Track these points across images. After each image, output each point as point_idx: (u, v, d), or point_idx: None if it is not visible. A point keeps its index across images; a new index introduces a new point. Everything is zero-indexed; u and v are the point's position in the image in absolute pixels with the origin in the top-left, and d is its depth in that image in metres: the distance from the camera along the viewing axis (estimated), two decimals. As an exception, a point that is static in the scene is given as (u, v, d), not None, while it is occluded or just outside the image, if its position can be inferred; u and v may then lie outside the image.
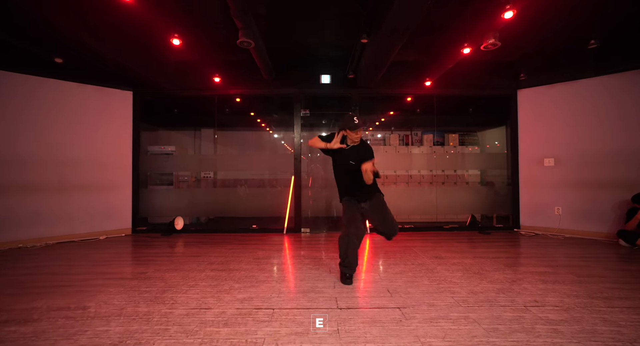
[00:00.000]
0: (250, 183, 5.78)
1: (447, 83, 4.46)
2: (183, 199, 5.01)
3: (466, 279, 2.40)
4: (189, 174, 5.74)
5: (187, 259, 3.04)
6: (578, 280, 2.34)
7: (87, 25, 2.95)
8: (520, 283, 2.29)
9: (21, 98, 3.65)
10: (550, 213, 4.22)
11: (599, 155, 3.91)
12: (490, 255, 3.11)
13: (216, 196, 5.21)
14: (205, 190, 5.61)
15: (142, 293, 2.12)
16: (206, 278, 2.44)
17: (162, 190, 5.18)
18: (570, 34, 3.32)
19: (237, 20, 2.81)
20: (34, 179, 3.71)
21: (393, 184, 5.72)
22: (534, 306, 1.88)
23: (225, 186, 6.08)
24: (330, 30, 3.56)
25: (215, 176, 6.00)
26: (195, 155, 6.22)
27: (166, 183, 5.56)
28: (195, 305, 1.93)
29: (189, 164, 5.64)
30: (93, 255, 3.17)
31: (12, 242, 3.50)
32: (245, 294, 2.11)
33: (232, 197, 5.21)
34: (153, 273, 2.57)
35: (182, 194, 5.12)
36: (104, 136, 4.21)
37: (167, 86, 4.48)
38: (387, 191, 5.31)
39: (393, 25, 2.59)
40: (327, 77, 4.43)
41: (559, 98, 4.21)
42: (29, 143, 3.69)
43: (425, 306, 1.91)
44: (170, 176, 5.54)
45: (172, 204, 4.87)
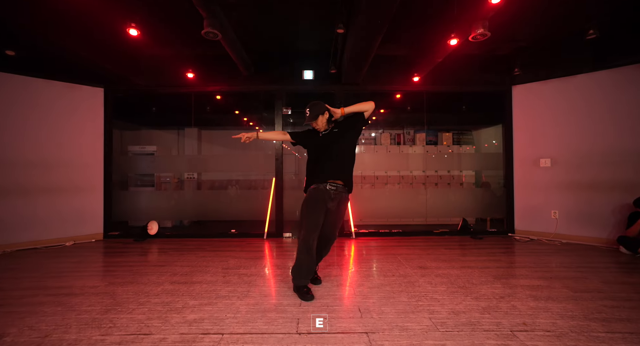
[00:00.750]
0: (235, 184, 5.55)
1: (438, 79, 4.21)
2: (165, 201, 4.77)
3: (449, 295, 2.15)
4: (171, 175, 5.51)
5: (149, 269, 2.79)
6: (574, 296, 2.09)
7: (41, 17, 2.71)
8: (509, 300, 2.04)
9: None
10: (547, 217, 3.98)
11: (599, 155, 3.66)
12: (480, 265, 2.87)
13: (198, 199, 4.97)
14: (187, 192, 5.36)
15: (81, 313, 1.88)
16: (161, 293, 2.20)
17: (143, 192, 4.93)
18: (566, 23, 3.08)
19: (200, 9, 2.57)
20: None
21: (384, 185, 5.48)
22: (522, 331, 1.64)
23: (209, 188, 5.84)
24: (308, 21, 3.32)
25: (199, 177, 5.76)
26: (176, 155, 5.97)
27: (148, 185, 5.33)
28: (135, 329, 1.69)
29: (170, 165, 5.39)
30: (49, 265, 2.93)
31: (-33, 250, 3.26)
32: (198, 314, 1.87)
33: (214, 199, 4.96)
34: (105, 287, 2.33)
35: (163, 197, 4.88)
36: (73, 135, 3.96)
37: (141, 83, 4.23)
38: (378, 193, 5.14)
39: (369, 14, 2.34)
40: (310, 73, 4.18)
41: (556, 95, 3.96)
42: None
43: (398, 330, 1.67)
44: (151, 178, 5.31)
45: (154, 207, 4.63)
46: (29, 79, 3.68)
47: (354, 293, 2.22)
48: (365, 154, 5.60)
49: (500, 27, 3.15)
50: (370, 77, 4.11)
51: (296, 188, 5.92)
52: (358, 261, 3.05)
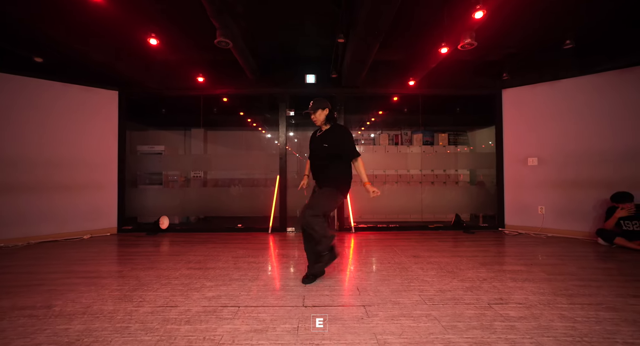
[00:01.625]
0: (239, 182, 5.80)
1: (432, 83, 4.47)
2: (172, 198, 5.03)
3: (438, 278, 2.41)
4: (178, 173, 5.76)
5: (165, 258, 3.05)
6: (548, 278, 2.35)
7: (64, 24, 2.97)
8: (490, 282, 2.30)
9: (5, 98, 3.66)
10: (534, 212, 4.24)
11: (581, 154, 3.93)
12: (468, 254, 3.13)
13: (205, 196, 5.23)
14: (194, 190, 5.62)
15: (113, 291, 2.14)
16: (180, 277, 2.46)
17: (152, 190, 5.19)
18: (548, 34, 3.34)
19: (214, 21, 2.83)
20: (19, 180, 3.72)
21: (382, 184, 5.73)
22: (498, 303, 1.90)
23: (214, 186, 6.10)
24: (311, 29, 3.58)
25: (205, 175, 6.02)
26: (184, 155, 6.23)
27: (156, 183, 5.57)
28: (162, 302, 1.94)
29: (178, 164, 5.67)
30: (73, 254, 3.18)
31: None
32: (215, 292, 2.13)
33: (220, 196, 5.22)
34: (128, 272, 2.59)
35: (171, 194, 5.14)
36: (90, 135, 4.22)
37: (153, 86, 4.49)
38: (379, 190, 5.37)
39: (367, 26, 2.60)
40: (312, 76, 4.45)
41: (542, 98, 4.23)
42: (13, 143, 3.70)
43: (391, 304, 1.92)
44: (159, 176, 5.55)
45: (162, 204, 4.88)
46: (50, 83, 3.94)
47: (353, 276, 2.48)
48: (365, 154, 5.86)
49: (488, 35, 3.41)
50: (369, 80, 4.38)
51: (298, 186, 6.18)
52: (357, 251, 3.31)
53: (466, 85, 4.59)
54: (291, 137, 6.29)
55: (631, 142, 3.63)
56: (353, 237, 4.08)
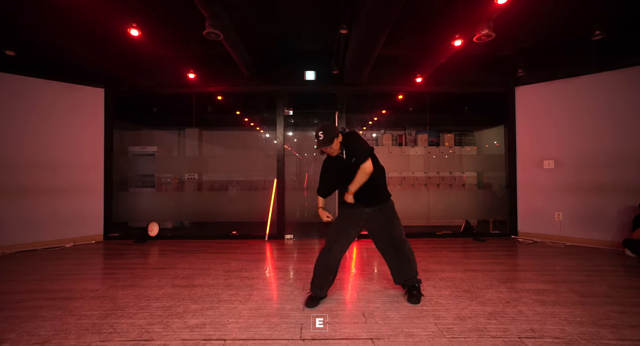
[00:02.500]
0: (236, 185, 5.51)
1: (440, 80, 4.18)
2: (165, 202, 4.76)
3: (454, 299, 2.12)
4: (171, 176, 5.48)
5: (150, 272, 2.77)
6: (581, 301, 2.06)
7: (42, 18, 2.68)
8: (515, 305, 2.01)
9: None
10: (550, 219, 3.95)
11: (603, 157, 3.63)
12: (484, 268, 2.84)
13: (199, 200, 4.95)
14: (188, 193, 5.33)
15: (81, 318, 1.85)
16: (162, 297, 2.17)
17: (144, 193, 4.90)
18: (571, 23, 3.04)
19: (202, 9, 2.54)
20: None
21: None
22: (530, 337, 1.61)
23: (210, 189, 5.81)
24: (311, 21, 3.28)
25: (200, 178, 5.73)
26: (177, 156, 5.94)
27: (148, 185, 5.29)
28: (136, 334, 1.66)
29: (171, 166, 5.37)
30: (48, 268, 2.90)
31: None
32: (200, 319, 1.84)
33: (215, 200, 4.94)
34: (105, 291, 2.30)
35: (164, 198, 4.87)
36: (74, 135, 3.93)
37: (142, 83, 4.20)
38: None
39: (372, 14, 2.31)
40: (312, 73, 4.15)
41: (559, 96, 3.93)
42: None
43: (403, 336, 1.64)
44: (152, 178, 5.28)
45: (154, 208, 4.61)
46: (29, 79, 3.66)
47: (357, 297, 2.19)
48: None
49: (504, 27, 3.11)
50: (373, 78, 4.08)
51: (297, 189, 5.90)
52: (360, 264, 3.02)
53: (477, 82, 4.30)
54: (290, 137, 6.00)
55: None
56: (355, 245, 3.79)
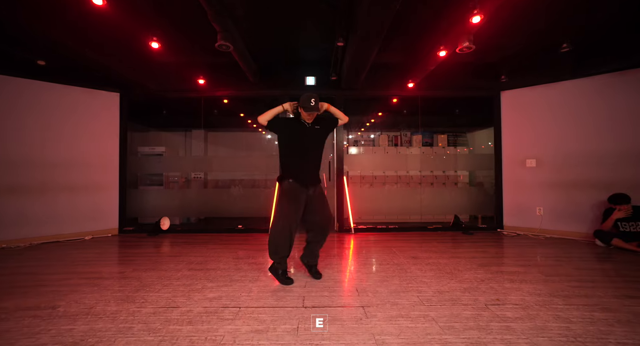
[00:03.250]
0: (240, 183, 5.82)
1: (431, 84, 4.50)
2: (173, 199, 5.07)
3: (436, 279, 2.44)
4: (179, 174, 5.79)
5: (167, 259, 3.08)
6: (545, 279, 2.38)
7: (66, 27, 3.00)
8: (488, 283, 2.33)
9: (6, 100, 3.70)
10: (532, 214, 4.27)
11: (578, 156, 3.96)
12: (467, 255, 3.16)
13: (205, 197, 5.26)
14: (194, 191, 5.65)
15: (115, 292, 2.17)
16: (181, 278, 2.49)
17: (152, 191, 5.22)
18: (545, 37, 3.37)
19: (215, 24, 2.86)
20: (21, 181, 3.75)
21: (382, 185, 5.76)
22: (495, 304, 1.93)
23: (215, 187, 6.13)
24: (312, 32, 3.60)
25: (206, 176, 6.05)
26: (184, 156, 6.26)
27: (156, 184, 5.60)
28: (164, 303, 1.97)
29: (179, 165, 5.70)
30: (75, 255, 3.21)
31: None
32: (216, 293, 2.16)
33: (221, 197, 5.26)
34: (130, 273, 2.62)
35: (171, 195, 5.18)
36: (92, 137, 4.25)
37: (154, 88, 4.52)
38: (376, 192, 5.43)
39: (365, 29, 2.64)
40: (312, 79, 4.48)
41: (540, 100, 4.26)
42: (16, 145, 3.73)
43: (389, 305, 1.95)
44: (160, 177, 5.58)
45: (162, 205, 4.92)
46: (52, 85, 3.97)
47: (352, 277, 2.51)
48: (364, 155, 5.90)
49: (486, 37, 3.44)
50: (368, 83, 4.41)
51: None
52: (356, 253, 3.33)
53: (465, 87, 4.63)
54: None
55: (630, 144, 3.66)
56: (353, 238, 4.11)
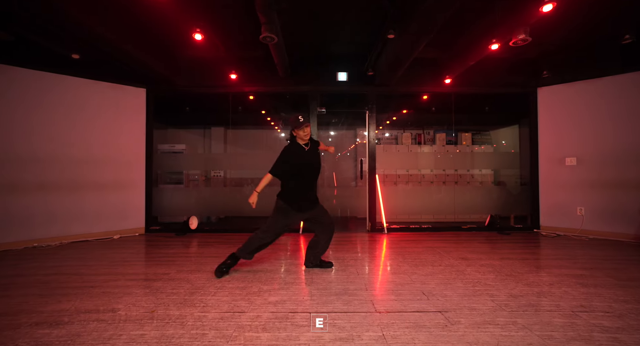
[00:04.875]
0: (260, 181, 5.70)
1: (466, 81, 4.37)
2: (193, 198, 4.96)
3: (500, 281, 2.32)
4: (199, 172, 5.68)
5: (206, 259, 2.97)
6: (620, 284, 2.25)
7: (106, 20, 2.88)
8: (559, 287, 2.20)
9: (35, 95, 3.58)
10: (572, 214, 4.14)
11: (622, 153, 3.82)
12: (517, 256, 3.03)
13: (226, 195, 5.15)
14: (215, 189, 5.54)
15: (170, 295, 2.05)
16: (231, 280, 2.37)
17: (173, 189, 5.11)
18: (599, 28, 3.23)
19: (262, 15, 2.74)
20: (49, 178, 3.64)
21: (404, 184, 5.64)
22: (583, 311, 1.80)
23: (235, 185, 6.01)
24: (351, 26, 3.48)
25: (225, 174, 5.93)
26: (204, 154, 6.15)
27: (176, 182, 5.49)
28: (228, 308, 1.86)
29: (199, 163, 5.57)
30: (110, 255, 3.10)
31: (27, 241, 3.44)
32: (277, 297, 2.04)
33: (242, 196, 5.13)
34: (176, 274, 2.50)
35: (192, 193, 5.07)
36: (118, 134, 4.14)
37: (181, 83, 4.41)
38: (399, 190, 5.30)
39: (424, 20, 2.51)
40: (344, 74, 4.35)
41: (581, 96, 4.12)
42: (44, 141, 3.62)
43: (467, 310, 1.83)
44: (180, 175, 5.48)
45: (183, 203, 4.81)
46: (80, 80, 3.86)
47: (410, 279, 2.38)
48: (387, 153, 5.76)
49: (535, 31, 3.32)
50: (403, 79, 4.27)
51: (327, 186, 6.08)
52: (399, 253, 3.21)
53: (501, 83, 4.49)
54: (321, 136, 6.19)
55: (679, 142, 3.52)
56: (386, 238, 3.98)
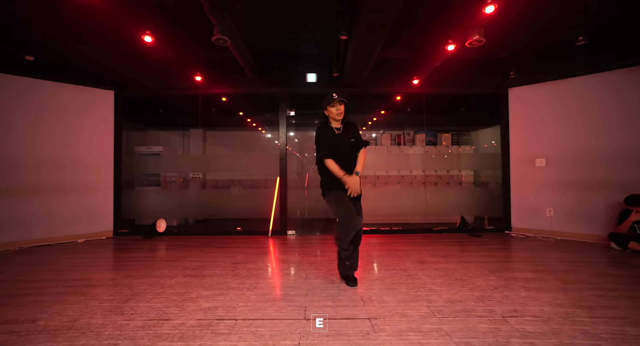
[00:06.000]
0: (239, 183, 5.68)
1: (437, 81, 4.35)
2: (170, 200, 4.92)
3: (446, 286, 2.29)
4: (176, 175, 5.65)
5: (161, 264, 2.94)
6: (563, 287, 2.23)
7: (56, 21, 2.85)
8: (502, 291, 2.18)
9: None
10: (542, 215, 4.11)
11: (590, 154, 3.80)
12: (477, 259, 3.01)
13: (204, 198, 5.12)
14: (192, 191, 5.51)
15: (103, 302, 2.02)
16: (175, 285, 2.34)
17: (149, 191, 5.07)
18: (558, 30, 3.21)
19: (211, 17, 2.71)
20: (11, 182, 3.61)
21: (385, 185, 5.61)
22: (513, 316, 1.77)
23: (214, 187, 5.99)
24: (313, 26, 3.44)
25: (204, 177, 5.90)
26: (182, 156, 6.11)
27: (154, 184, 5.46)
28: (155, 315, 1.83)
29: (176, 165, 5.55)
30: (65, 260, 3.07)
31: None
32: (212, 303, 2.01)
33: (219, 198, 5.11)
34: (122, 280, 2.47)
35: (169, 196, 5.04)
36: (85, 136, 4.11)
37: (150, 85, 4.37)
38: (379, 192, 5.28)
39: (370, 21, 2.48)
40: (313, 75, 4.33)
41: (550, 97, 4.10)
42: (5, 145, 3.58)
43: (398, 316, 1.80)
44: (157, 177, 5.45)
45: (159, 206, 4.77)
46: (43, 82, 3.82)
47: (357, 285, 2.35)
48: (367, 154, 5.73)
49: (495, 32, 3.28)
50: (372, 79, 4.25)
51: (299, 187, 6.06)
52: (360, 257, 3.17)
53: (471, 84, 4.47)
54: (291, 137, 6.18)
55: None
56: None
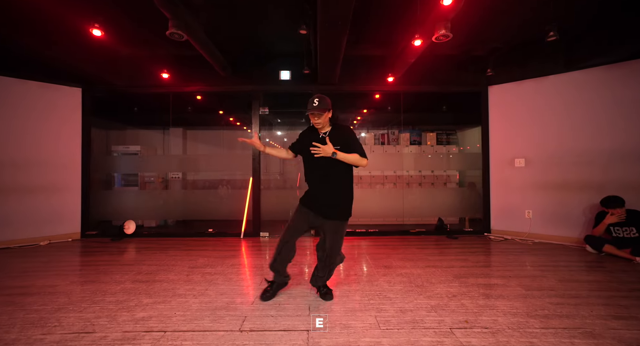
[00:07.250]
0: (220, 184, 5.56)
1: (413, 79, 4.22)
2: (148, 201, 4.80)
3: (403, 293, 2.17)
4: (155, 175, 5.53)
5: (115, 268, 2.81)
6: (524, 294, 2.11)
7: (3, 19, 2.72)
8: (460, 299, 2.06)
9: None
10: (521, 216, 4.00)
11: (569, 155, 3.69)
12: (445, 264, 2.89)
13: (182, 198, 4.99)
14: (170, 192, 5.37)
15: (30, 312, 1.89)
16: (119, 292, 2.21)
17: (126, 192, 4.95)
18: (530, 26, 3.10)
19: (164, 10, 2.58)
20: (-33, 182, 3.48)
21: (367, 185, 5.49)
22: (461, 328, 1.66)
23: (192, 188, 5.86)
24: (284, 23, 3.32)
25: (185, 177, 5.78)
26: (160, 155, 5.98)
27: (131, 184, 5.34)
28: (79, 327, 1.70)
29: (154, 165, 5.41)
30: (15, 265, 2.93)
31: (-62, 250, 3.27)
32: (148, 312, 1.89)
33: (197, 199, 4.98)
34: (64, 286, 2.34)
35: (146, 196, 4.91)
36: (50, 135, 3.96)
37: (119, 83, 4.24)
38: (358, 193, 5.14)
39: (327, 14, 2.36)
40: (287, 73, 4.20)
41: (529, 95, 3.98)
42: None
43: (339, 328, 1.68)
44: (135, 177, 5.32)
45: (137, 207, 4.64)
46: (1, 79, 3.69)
47: (309, 292, 2.23)
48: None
49: (468, 27, 3.18)
50: (347, 77, 4.13)
51: (280, 188, 5.94)
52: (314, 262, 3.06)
53: (450, 81, 4.34)
54: (278, 136, 6.06)
55: (622, 142, 3.39)
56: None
